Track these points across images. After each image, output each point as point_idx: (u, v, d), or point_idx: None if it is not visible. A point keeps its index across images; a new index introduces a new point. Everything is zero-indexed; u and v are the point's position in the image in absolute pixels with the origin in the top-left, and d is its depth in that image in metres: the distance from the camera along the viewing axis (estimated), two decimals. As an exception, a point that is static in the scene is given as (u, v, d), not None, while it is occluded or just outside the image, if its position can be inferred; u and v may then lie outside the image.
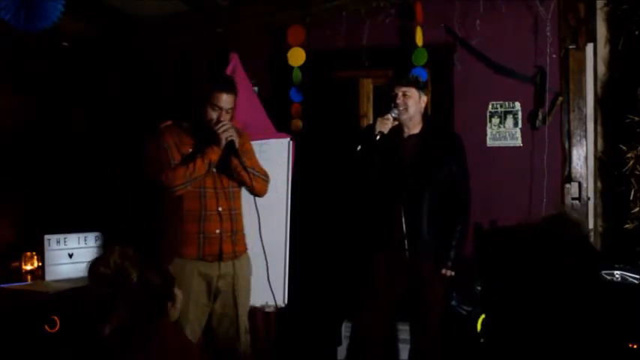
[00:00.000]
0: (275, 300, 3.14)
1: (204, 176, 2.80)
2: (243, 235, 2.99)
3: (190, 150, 2.82)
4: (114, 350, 1.73)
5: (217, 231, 2.83)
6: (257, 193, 2.98)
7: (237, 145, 2.80)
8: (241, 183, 2.93)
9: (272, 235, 3.37)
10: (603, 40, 3.63)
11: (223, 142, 2.77)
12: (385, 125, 3.04)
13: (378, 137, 3.02)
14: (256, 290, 3.07)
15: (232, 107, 2.85)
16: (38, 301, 3.10)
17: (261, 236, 2.97)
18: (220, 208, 2.85)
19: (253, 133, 3.43)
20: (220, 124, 2.77)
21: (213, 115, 2.79)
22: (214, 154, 2.78)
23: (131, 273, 1.76)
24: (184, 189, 2.76)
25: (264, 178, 3.01)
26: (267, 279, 3.04)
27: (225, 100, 2.79)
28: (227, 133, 2.77)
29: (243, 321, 2.97)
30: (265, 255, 3.00)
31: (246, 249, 3.00)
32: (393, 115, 3.06)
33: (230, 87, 2.84)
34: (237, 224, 2.93)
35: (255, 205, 2.95)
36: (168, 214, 2.87)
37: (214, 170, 2.84)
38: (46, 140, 4.07)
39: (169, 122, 2.92)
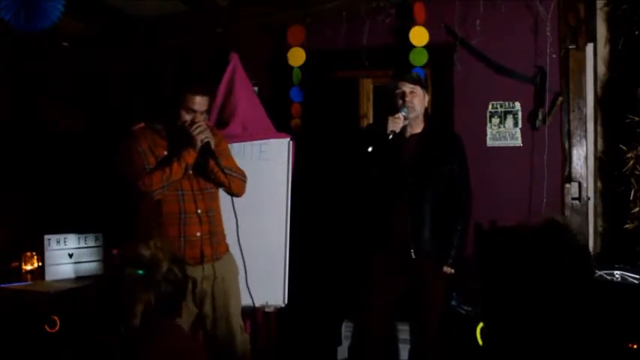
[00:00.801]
0: (253, 303, 3.10)
1: (181, 179, 2.77)
2: (223, 236, 2.97)
3: (165, 153, 2.79)
4: (118, 351, 1.74)
5: (198, 234, 2.81)
6: (235, 193, 2.95)
7: (212, 146, 2.78)
8: (218, 184, 2.90)
9: (272, 235, 3.38)
10: (603, 40, 3.63)
11: (199, 144, 2.74)
12: (397, 124, 3.02)
13: (390, 137, 3.00)
14: (253, 291, 3.06)
15: (207, 109, 2.84)
16: (38, 301, 3.09)
17: (238, 238, 2.95)
18: (199, 211, 2.83)
19: (253, 133, 3.44)
20: (195, 126, 2.73)
21: (188, 117, 2.76)
22: (190, 157, 2.74)
23: (162, 261, 1.81)
24: (162, 193, 2.73)
25: (242, 178, 2.97)
26: (245, 281, 3.03)
27: (200, 102, 2.77)
28: (202, 134, 2.74)
29: (237, 321, 2.94)
30: (243, 257, 2.98)
31: (227, 249, 2.98)
32: (404, 113, 3.05)
33: (204, 89, 2.81)
34: (216, 226, 2.91)
35: (233, 207, 2.92)
36: (145, 218, 2.82)
37: (191, 172, 2.81)
38: (46, 140, 4.07)
39: (142, 125, 2.87)
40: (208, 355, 2.06)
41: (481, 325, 2.95)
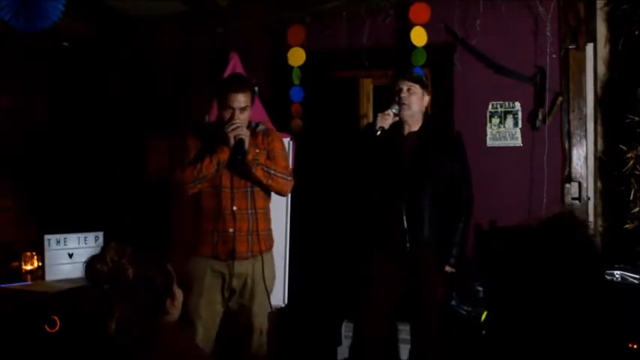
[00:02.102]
0: (270, 301, 3.10)
1: (214, 175, 2.80)
2: (265, 235, 2.95)
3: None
4: (118, 351, 1.73)
5: (231, 230, 2.83)
6: (277, 192, 2.96)
7: (246, 144, 2.79)
8: (256, 182, 2.89)
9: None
10: (603, 40, 3.63)
11: (232, 141, 2.76)
12: (386, 121, 3.03)
13: (378, 133, 3.00)
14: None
15: (248, 105, 2.84)
16: (38, 301, 3.09)
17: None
18: (235, 207, 2.85)
19: (253, 133, 3.44)
20: (230, 124, 2.77)
21: (226, 114, 2.81)
22: (223, 154, 2.78)
23: (127, 269, 1.74)
24: (194, 188, 2.79)
25: (284, 177, 2.93)
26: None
27: (238, 99, 2.80)
28: (235, 132, 2.76)
29: (259, 322, 2.93)
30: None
31: (267, 249, 2.97)
32: (394, 110, 3.05)
33: (242, 85, 2.84)
34: (255, 224, 2.89)
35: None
36: (182, 213, 2.92)
37: (226, 170, 2.84)
38: (46, 140, 4.07)
39: (190, 125, 2.98)
40: (208, 355, 2.05)
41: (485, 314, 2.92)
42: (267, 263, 2.95)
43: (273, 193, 2.99)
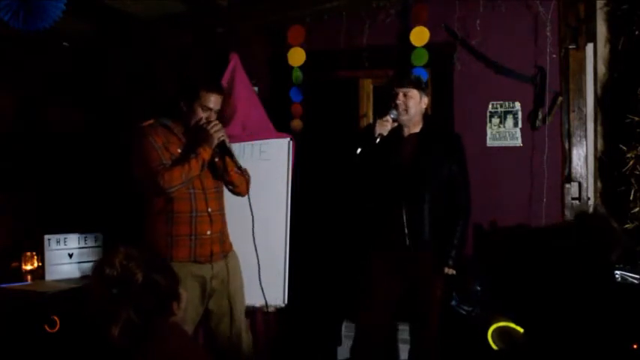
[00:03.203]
0: (266, 300, 3.12)
1: (197, 176, 2.79)
2: (228, 234, 3.00)
3: (179, 150, 2.81)
4: (120, 351, 1.73)
5: (208, 232, 2.83)
6: (240, 193, 2.98)
7: (227, 144, 2.81)
8: (227, 183, 2.93)
9: (272, 235, 3.37)
10: (603, 40, 3.63)
11: (216, 141, 2.77)
12: (384, 127, 3.03)
13: (377, 140, 3.01)
14: (249, 291, 3.07)
15: (220, 108, 2.88)
16: (38, 301, 3.09)
17: (254, 237, 2.97)
18: (210, 209, 2.85)
19: (253, 133, 3.44)
20: (212, 124, 2.77)
21: (204, 115, 2.80)
22: (206, 154, 2.77)
23: (136, 273, 1.75)
24: (178, 189, 2.73)
25: (248, 178, 3.01)
26: (258, 280, 3.04)
27: (215, 100, 2.82)
28: (219, 133, 2.78)
29: (242, 319, 2.97)
30: (257, 255, 3.00)
31: (231, 247, 3.01)
32: (392, 116, 3.05)
33: (219, 88, 2.88)
34: (223, 224, 2.95)
35: (250, 206, 2.94)
36: (154, 216, 2.82)
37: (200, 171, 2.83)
38: (46, 140, 4.07)
39: (151, 121, 2.88)
40: (209, 355, 2.06)
41: (493, 327, 2.92)
42: (236, 260, 2.99)
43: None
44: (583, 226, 1.52)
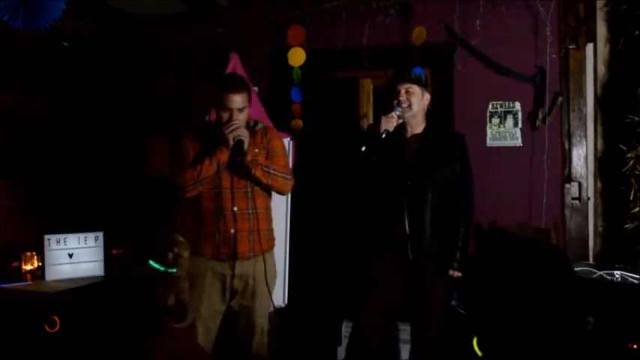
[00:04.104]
0: (272, 300, 3.11)
1: (214, 177, 2.81)
2: (266, 234, 2.96)
3: (200, 151, 2.84)
4: (120, 351, 1.76)
5: (232, 231, 2.84)
6: (277, 191, 2.98)
7: (246, 145, 2.79)
8: (256, 182, 2.89)
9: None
10: (603, 40, 3.63)
11: (231, 142, 2.77)
12: (390, 123, 3.02)
13: (383, 136, 3.00)
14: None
15: (246, 106, 2.84)
16: (38, 301, 3.09)
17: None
18: (235, 208, 2.85)
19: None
20: (229, 125, 2.77)
21: (224, 115, 2.81)
22: (223, 155, 2.78)
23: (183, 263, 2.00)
24: (195, 190, 2.79)
25: (284, 176, 2.94)
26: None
27: (235, 100, 2.80)
28: (234, 133, 2.76)
29: (260, 322, 2.95)
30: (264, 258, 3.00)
31: (270, 248, 2.98)
32: (397, 112, 3.04)
33: (238, 86, 2.84)
34: (256, 223, 2.89)
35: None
36: (183, 214, 2.90)
37: (226, 170, 2.84)
38: (46, 140, 4.07)
39: (185, 125, 2.97)
40: (221, 354, 2.08)
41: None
42: (269, 262, 2.95)
43: (274, 192, 2.99)
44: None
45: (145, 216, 3.88)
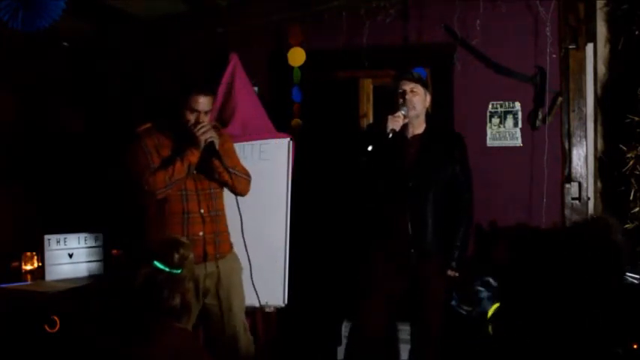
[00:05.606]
0: (259, 299, 3.12)
1: (185, 179, 2.79)
2: (227, 235, 2.99)
3: (169, 153, 2.82)
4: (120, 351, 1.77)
5: (200, 233, 2.84)
6: (239, 192, 2.98)
7: (217, 146, 2.80)
8: (222, 184, 2.93)
9: (272, 235, 3.38)
10: (603, 40, 3.63)
11: (202, 143, 2.77)
12: (397, 123, 3.02)
13: (390, 135, 3.00)
14: (246, 291, 3.07)
15: (211, 109, 2.86)
16: (38, 301, 3.09)
17: (243, 237, 2.97)
18: (202, 210, 2.86)
19: (253, 133, 3.44)
20: (199, 126, 2.77)
21: (192, 117, 2.79)
22: (194, 157, 2.77)
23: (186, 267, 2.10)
24: (165, 192, 2.76)
25: (246, 177, 3.00)
26: (250, 279, 3.04)
27: (203, 102, 2.80)
28: (206, 134, 2.77)
29: (240, 320, 2.97)
30: (248, 256, 3.01)
31: (231, 248, 3.01)
32: (403, 112, 3.05)
33: (207, 89, 2.85)
34: (219, 225, 2.93)
35: (238, 206, 2.94)
36: (151, 217, 2.86)
37: (194, 172, 2.84)
38: (46, 140, 4.07)
39: (148, 125, 2.90)
40: (210, 355, 2.07)
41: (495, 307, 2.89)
42: (235, 261, 2.98)
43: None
44: (584, 238, 1.54)
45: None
